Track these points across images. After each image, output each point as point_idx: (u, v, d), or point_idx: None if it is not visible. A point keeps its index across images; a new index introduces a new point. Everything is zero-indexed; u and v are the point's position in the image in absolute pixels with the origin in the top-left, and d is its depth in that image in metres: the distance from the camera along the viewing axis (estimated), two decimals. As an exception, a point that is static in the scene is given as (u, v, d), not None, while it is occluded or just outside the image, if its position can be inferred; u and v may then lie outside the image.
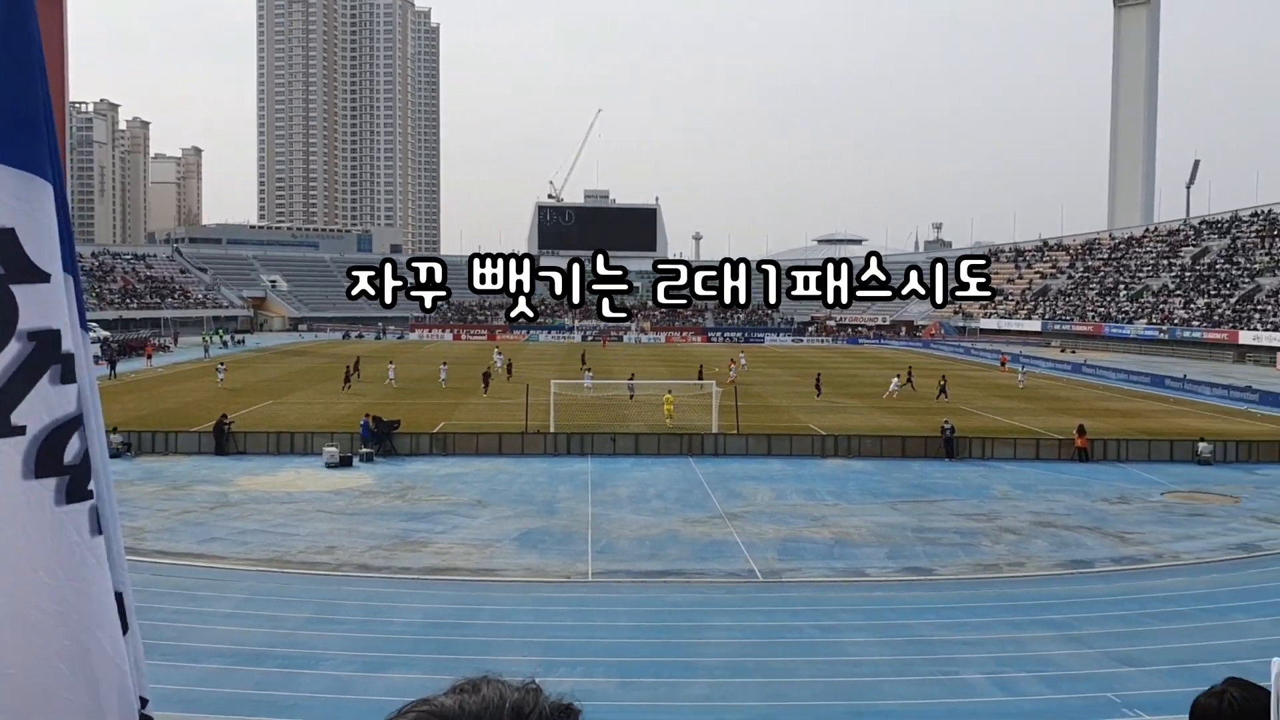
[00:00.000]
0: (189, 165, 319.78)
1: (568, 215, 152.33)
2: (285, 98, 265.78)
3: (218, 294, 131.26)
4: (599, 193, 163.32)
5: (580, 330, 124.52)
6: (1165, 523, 28.84)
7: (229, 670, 16.89)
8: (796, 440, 39.62)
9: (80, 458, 2.51)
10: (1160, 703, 15.90)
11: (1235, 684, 2.54)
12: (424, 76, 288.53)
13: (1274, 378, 71.25)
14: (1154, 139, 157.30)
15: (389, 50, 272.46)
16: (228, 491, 31.18)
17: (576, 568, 23.73)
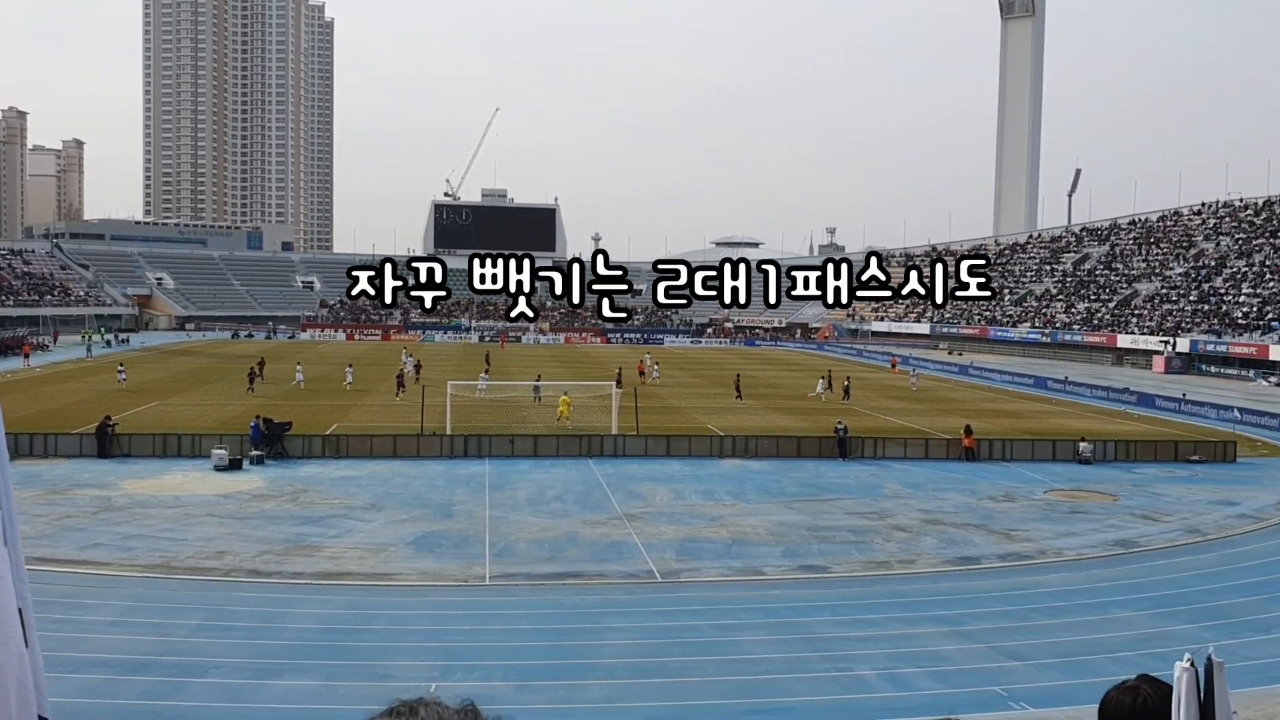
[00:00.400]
0: (70, 158, 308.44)
1: (465, 214, 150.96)
2: (173, 90, 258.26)
3: (101, 291, 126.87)
4: (497, 192, 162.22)
5: (478, 330, 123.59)
6: (1048, 520, 29.79)
7: (114, 680, 16.35)
8: (695, 441, 39.93)
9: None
10: (1045, 695, 16.42)
11: (1148, 681, 2.62)
12: (318, 71, 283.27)
13: (1150, 380, 74.22)
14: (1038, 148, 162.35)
15: (281, 43, 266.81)
16: (111, 496, 30.18)
17: (474, 571, 23.53)
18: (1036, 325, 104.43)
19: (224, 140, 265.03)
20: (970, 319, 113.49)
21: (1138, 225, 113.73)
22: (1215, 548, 27.12)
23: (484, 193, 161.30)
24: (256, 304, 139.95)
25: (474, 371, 62.79)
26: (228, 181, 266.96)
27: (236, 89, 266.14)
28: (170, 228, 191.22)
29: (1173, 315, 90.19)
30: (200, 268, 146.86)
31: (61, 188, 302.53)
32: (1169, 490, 34.57)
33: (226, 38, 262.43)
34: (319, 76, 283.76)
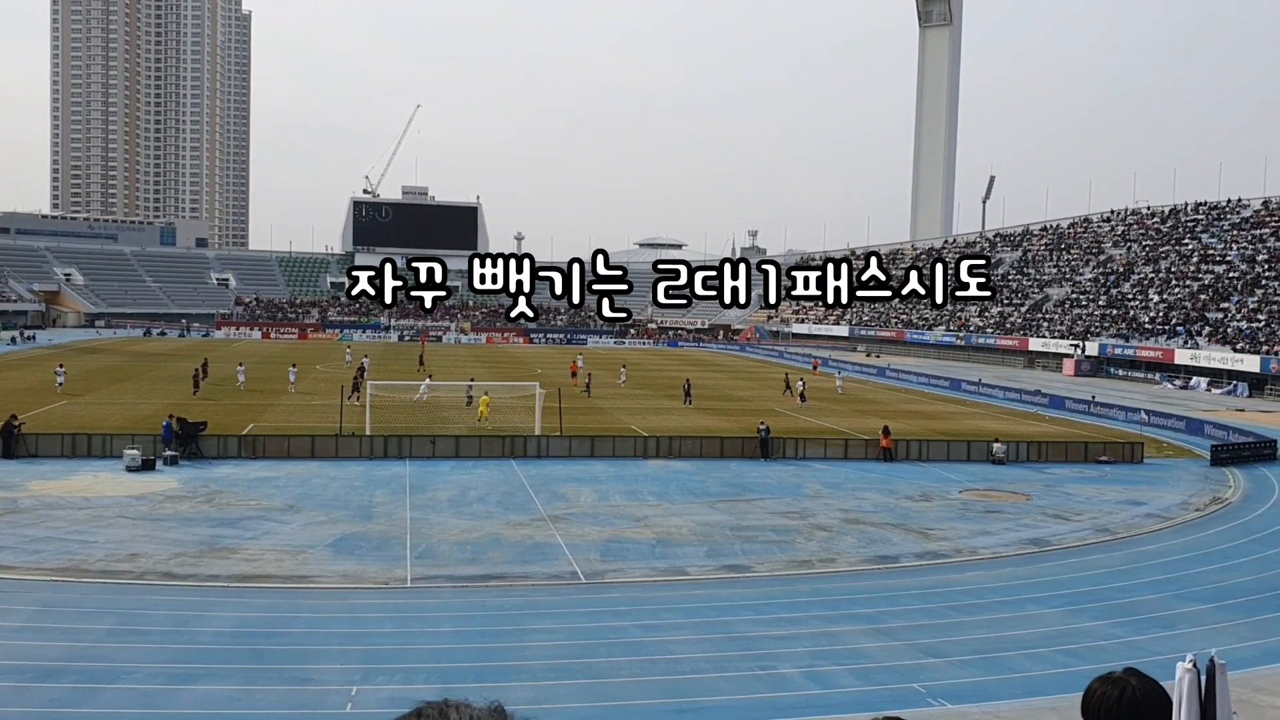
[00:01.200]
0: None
1: (385, 212, 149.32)
2: (83, 79, 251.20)
3: (4, 287, 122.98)
4: (418, 189, 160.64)
5: (397, 330, 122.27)
6: (964, 519, 30.37)
7: (21, 688, 15.85)
8: (619, 442, 39.95)
9: None
10: (963, 691, 16.74)
11: (1135, 674, 2.61)
12: (234, 64, 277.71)
13: (1061, 382, 76.11)
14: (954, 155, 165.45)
15: (197, 35, 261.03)
16: (17, 497, 29.25)
17: (395, 573, 23.26)
18: (951, 329, 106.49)
19: (136, 132, 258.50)
20: (888, 322, 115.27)
21: (1049, 231, 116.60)
22: (1124, 546, 27.89)
23: (404, 190, 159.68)
24: (170, 301, 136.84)
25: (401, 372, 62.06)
26: (140, 175, 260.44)
27: (149, 80, 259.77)
28: (79, 222, 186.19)
29: (1082, 320, 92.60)
30: (111, 263, 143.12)
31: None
32: (1079, 490, 35.46)
33: (140, 27, 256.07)
34: (235, 70, 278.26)
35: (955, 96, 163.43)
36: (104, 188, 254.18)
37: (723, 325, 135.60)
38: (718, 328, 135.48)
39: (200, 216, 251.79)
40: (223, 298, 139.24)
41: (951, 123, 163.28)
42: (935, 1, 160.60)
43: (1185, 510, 32.47)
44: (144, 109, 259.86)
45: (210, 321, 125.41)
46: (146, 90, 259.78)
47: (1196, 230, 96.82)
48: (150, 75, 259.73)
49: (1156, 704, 2.57)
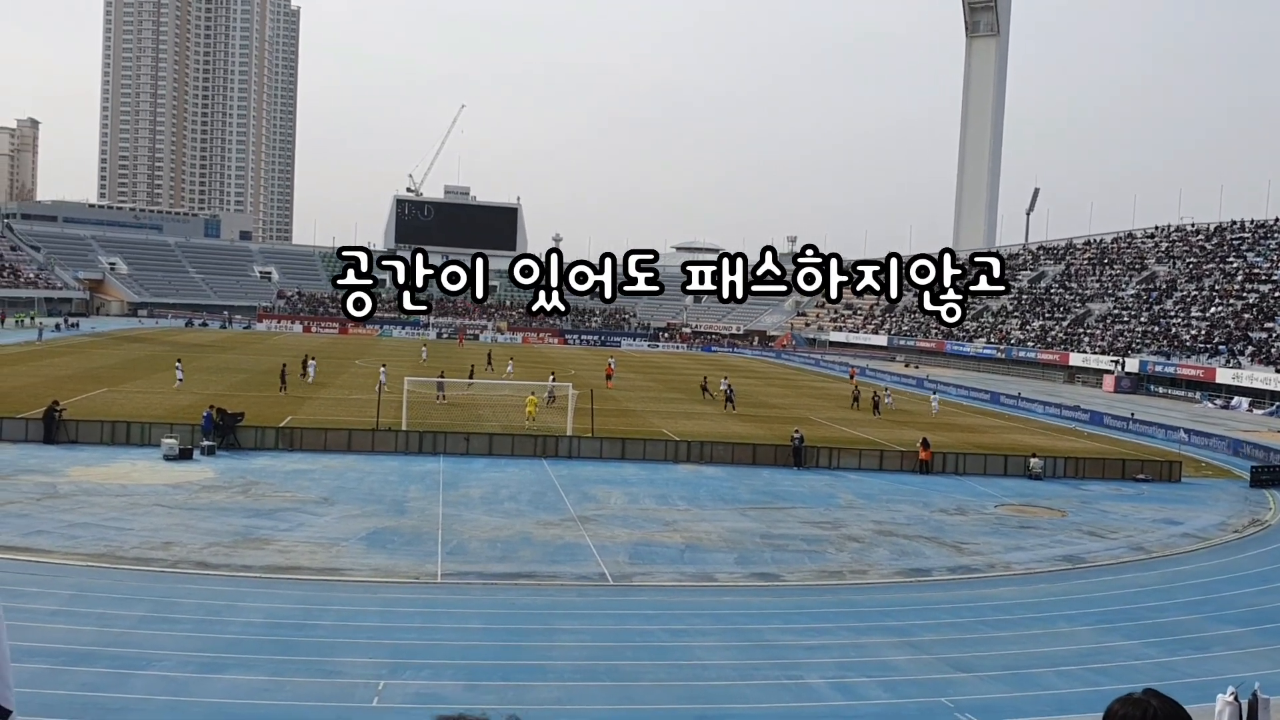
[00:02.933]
0: (24, 137, 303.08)
1: (427, 210, 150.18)
2: (133, 72, 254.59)
3: (51, 274, 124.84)
4: (460, 189, 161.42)
5: (436, 327, 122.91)
6: (998, 534, 30.11)
7: (55, 671, 16.05)
8: (650, 445, 39.95)
9: None
10: (991, 707, 16.59)
11: (1155, 695, 2.55)
12: (282, 59, 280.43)
13: (1100, 398, 75.28)
14: (999, 166, 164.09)
15: (245, 29, 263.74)
16: (57, 483, 29.67)
17: (426, 568, 23.38)
18: (992, 341, 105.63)
19: (183, 125, 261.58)
20: (928, 332, 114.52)
21: (1093, 246, 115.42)
22: (1159, 565, 27.55)
23: (447, 189, 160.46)
24: (212, 293, 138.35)
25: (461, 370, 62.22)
26: (186, 167, 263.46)
27: (198, 74, 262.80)
28: (125, 212, 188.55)
29: (1124, 335, 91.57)
30: (155, 254, 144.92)
31: (15, 167, 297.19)
32: (1115, 508, 35.06)
33: (190, 21, 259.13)
34: (283, 65, 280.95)
35: (1001, 107, 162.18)
36: (150, 179, 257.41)
37: (758, 331, 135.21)
38: (753, 333, 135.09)
39: (245, 209, 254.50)
40: (265, 291, 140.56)
41: (996, 133, 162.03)
42: (983, 11, 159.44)
43: (1223, 531, 32.01)
44: (192, 102, 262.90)
45: (252, 314, 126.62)
46: (195, 84, 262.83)
47: (1242, 248, 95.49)
48: (199, 69, 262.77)
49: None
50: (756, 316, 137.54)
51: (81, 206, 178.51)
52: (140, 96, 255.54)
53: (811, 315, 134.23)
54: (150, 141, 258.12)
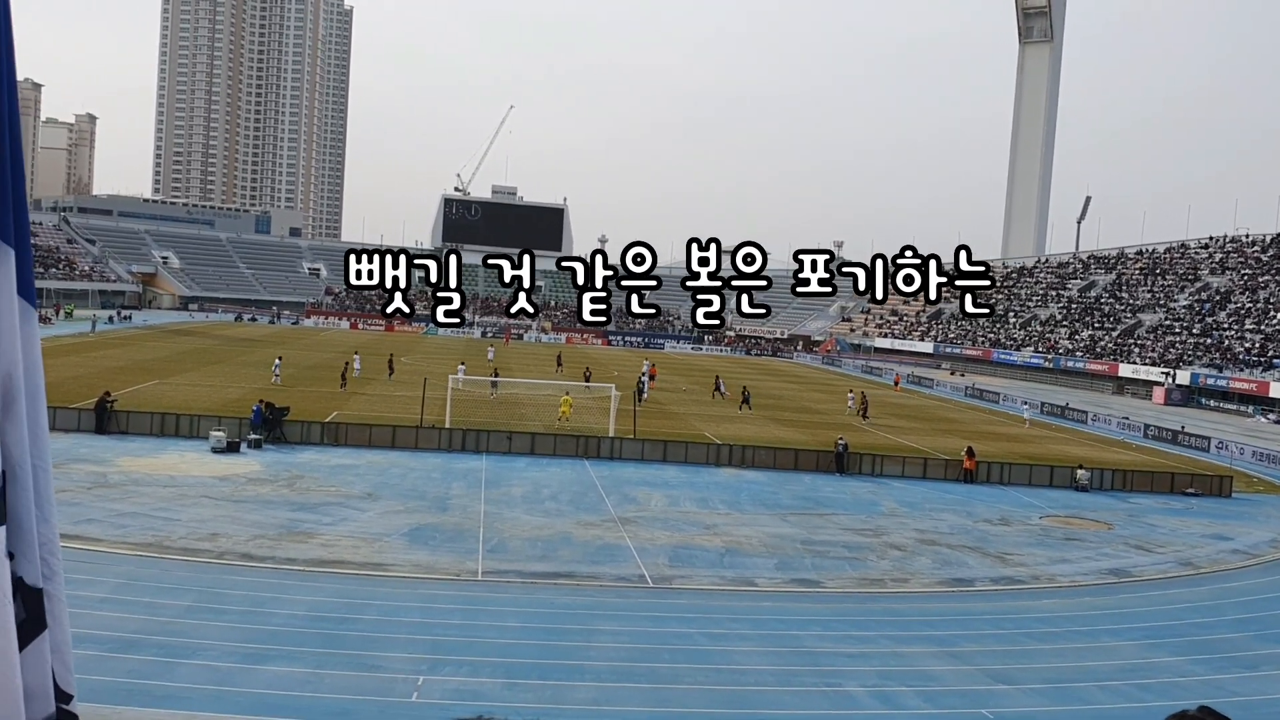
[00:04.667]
0: (82, 132, 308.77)
1: (474, 210, 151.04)
2: (188, 69, 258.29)
3: (105, 267, 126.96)
4: (506, 189, 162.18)
5: (480, 326, 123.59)
6: (1043, 545, 29.76)
7: (102, 657, 16.33)
8: (692, 448, 39.90)
9: None
10: (1031, 719, 16.41)
11: (1211, 714, 2.45)
12: (334, 59, 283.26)
13: (1150, 410, 74.19)
14: (1050, 173, 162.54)
15: (299, 28, 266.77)
16: (107, 472, 30.17)
17: (466, 566, 23.52)
18: (1040, 350, 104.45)
19: (236, 122, 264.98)
20: (975, 340, 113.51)
21: (1145, 255, 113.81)
22: (1207, 581, 27.10)
23: (494, 189, 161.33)
24: (261, 288, 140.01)
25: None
26: (238, 164, 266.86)
27: (252, 71, 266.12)
28: (178, 207, 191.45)
29: (1175, 347, 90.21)
30: (206, 248, 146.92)
31: (72, 161, 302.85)
32: (1163, 522, 34.55)
33: (245, 20, 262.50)
34: (335, 64, 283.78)
35: (1053, 114, 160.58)
36: (203, 175, 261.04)
37: (803, 336, 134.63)
38: (797, 338, 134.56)
39: (295, 206, 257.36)
40: (313, 287, 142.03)
41: (1048, 140, 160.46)
42: (1036, 17, 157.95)
43: (1274, 548, 31.42)
44: (245, 99, 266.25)
45: (300, 310, 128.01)
46: (249, 81, 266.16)
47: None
48: (253, 66, 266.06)
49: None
50: (801, 321, 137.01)
51: (136, 201, 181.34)
52: (195, 93, 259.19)
53: (857, 321, 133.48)
54: (204, 138, 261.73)
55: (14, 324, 2.49)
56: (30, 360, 2.58)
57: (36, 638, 2.66)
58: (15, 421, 2.49)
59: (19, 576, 2.54)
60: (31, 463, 2.59)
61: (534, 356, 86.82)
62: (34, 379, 2.61)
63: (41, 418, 2.60)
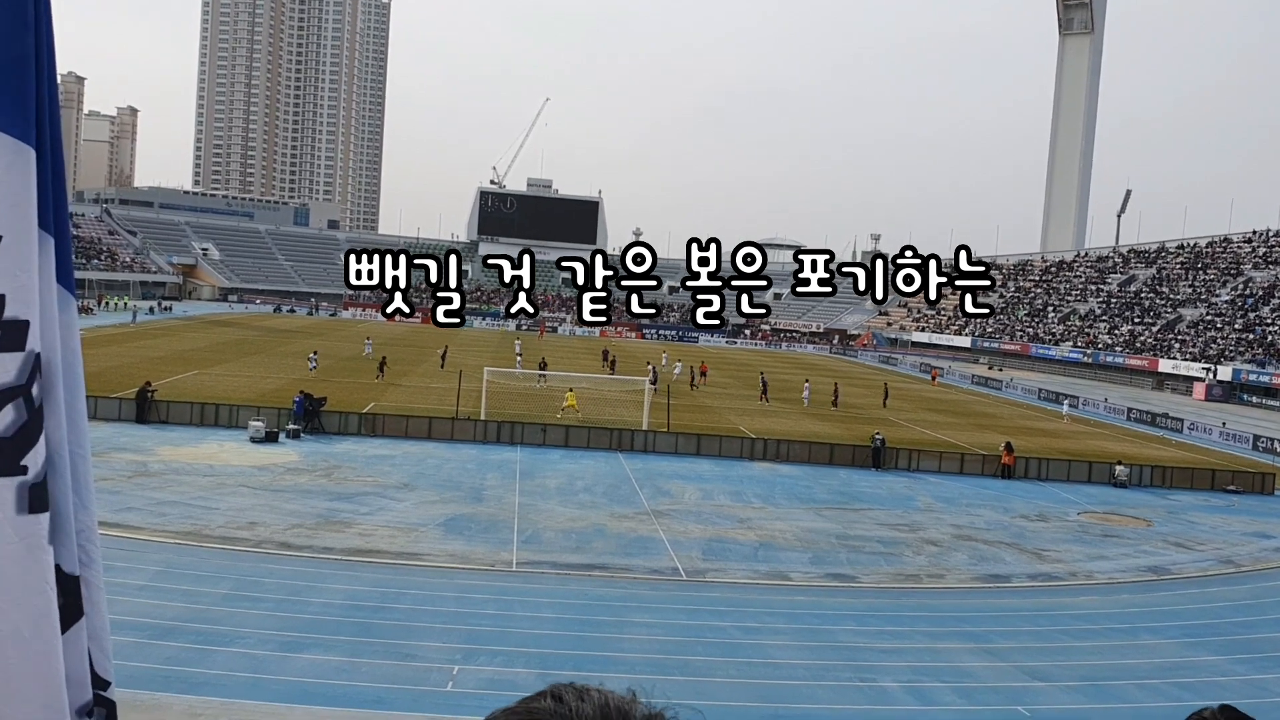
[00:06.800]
0: (124, 125, 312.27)
1: (510, 203, 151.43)
2: (228, 62, 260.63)
3: (146, 258, 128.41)
4: (542, 182, 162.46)
5: (516, 319, 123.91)
6: (1080, 542, 29.48)
7: (141, 644, 16.53)
8: (726, 442, 39.82)
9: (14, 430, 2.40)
10: (1068, 717, 16.27)
11: (1232, 713, 2.40)
12: (372, 53, 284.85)
13: (1190, 406, 73.22)
14: (1090, 166, 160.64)
15: (337, 22, 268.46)
16: (147, 461, 30.54)
17: (501, 556, 23.61)
18: (1079, 345, 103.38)
19: (275, 115, 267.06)
20: (1013, 334, 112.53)
21: (1186, 249, 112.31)
22: (1248, 580, 26.75)
23: (529, 182, 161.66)
24: (300, 279, 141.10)
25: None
26: (277, 156, 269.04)
27: (290, 65, 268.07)
28: (218, 199, 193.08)
29: (1216, 342, 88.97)
30: (246, 240, 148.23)
31: (114, 154, 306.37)
32: (1204, 519, 34.11)
33: (284, 13, 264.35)
34: (373, 57, 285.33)
35: (1093, 106, 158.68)
36: (243, 167, 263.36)
37: (838, 330, 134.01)
38: (833, 332, 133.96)
39: (333, 199, 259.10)
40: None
41: (1088, 133, 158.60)
42: (1077, 9, 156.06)
43: (1319, 548, 30.95)
44: (284, 92, 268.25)
45: (338, 301, 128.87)
46: (288, 74, 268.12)
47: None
48: (292, 60, 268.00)
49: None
50: (837, 315, 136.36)
51: (177, 193, 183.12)
52: (235, 87, 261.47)
53: (894, 315, 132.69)
54: (244, 131, 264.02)
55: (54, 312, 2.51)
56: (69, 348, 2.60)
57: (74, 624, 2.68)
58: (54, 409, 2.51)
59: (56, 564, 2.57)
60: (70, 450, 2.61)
61: (568, 349, 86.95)
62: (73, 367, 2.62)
63: (80, 405, 2.62)
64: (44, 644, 2.48)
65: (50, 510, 2.52)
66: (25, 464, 2.42)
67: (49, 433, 2.48)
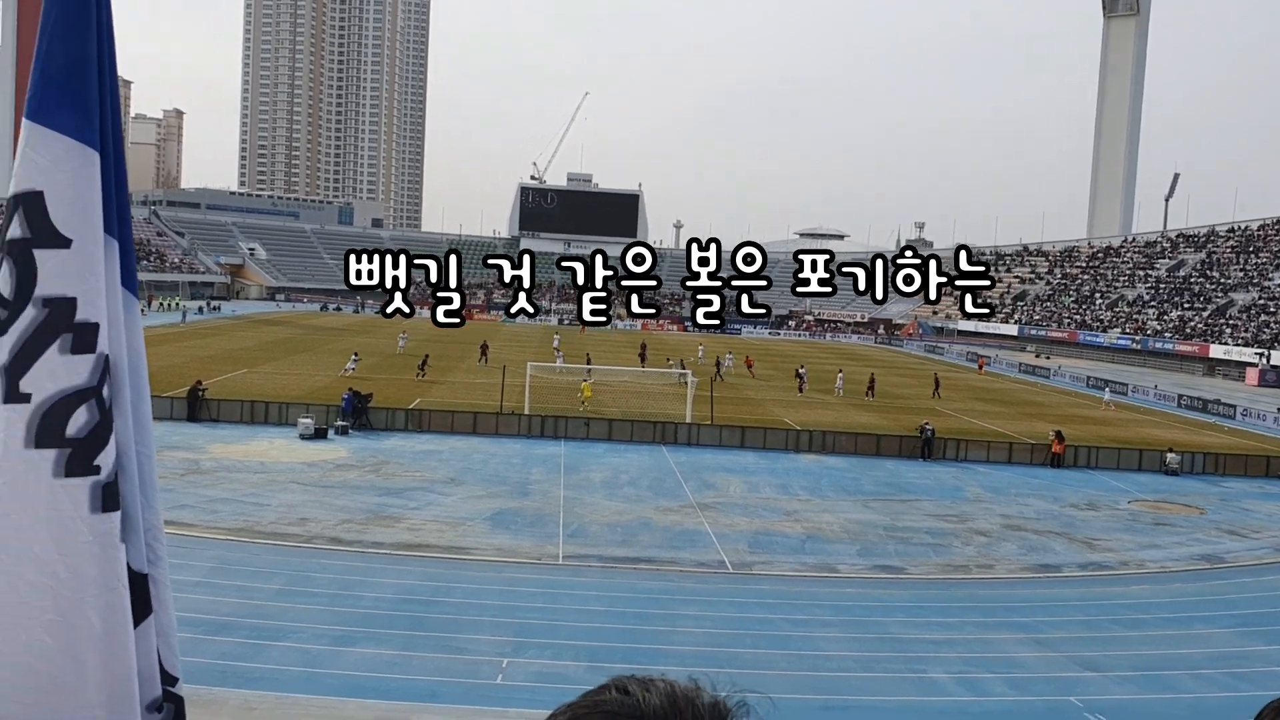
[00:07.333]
0: (170, 127, 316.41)
1: (550, 198, 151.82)
2: (271, 64, 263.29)
3: (195, 259, 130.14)
4: (582, 176, 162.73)
5: (558, 314, 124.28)
6: (1131, 530, 29.14)
7: (195, 640, 16.78)
8: (771, 434, 39.70)
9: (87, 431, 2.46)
10: (1122, 708, 16.10)
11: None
12: (412, 50, 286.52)
13: (1243, 393, 71.99)
14: (1136, 150, 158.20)
15: (378, 21, 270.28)
16: (199, 459, 30.99)
17: (547, 550, 23.74)
18: (1127, 331, 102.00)
19: (319, 115, 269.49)
20: (1060, 322, 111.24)
21: (1236, 233, 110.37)
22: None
23: (569, 177, 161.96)
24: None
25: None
26: (321, 156, 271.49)
27: (333, 66, 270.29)
28: (264, 199, 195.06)
29: (1270, 327, 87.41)
30: (292, 240, 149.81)
31: (161, 156, 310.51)
32: (1258, 506, 33.58)
33: (325, 14, 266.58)
34: (413, 56, 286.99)
35: (1139, 88, 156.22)
36: (288, 167, 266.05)
37: (883, 319, 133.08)
38: (878, 321, 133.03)
39: (376, 197, 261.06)
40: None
41: (1134, 117, 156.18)
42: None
43: (1378, 535, 30.36)
44: (327, 92, 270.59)
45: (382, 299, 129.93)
46: (330, 74, 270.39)
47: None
48: (333, 60, 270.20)
49: None
50: (882, 305, 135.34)
51: (223, 194, 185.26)
52: (278, 88, 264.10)
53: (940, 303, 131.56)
54: (287, 131, 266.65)
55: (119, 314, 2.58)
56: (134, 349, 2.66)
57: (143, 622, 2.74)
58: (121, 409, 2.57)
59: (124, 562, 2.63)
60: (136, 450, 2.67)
61: (610, 344, 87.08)
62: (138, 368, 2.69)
63: (145, 406, 2.69)
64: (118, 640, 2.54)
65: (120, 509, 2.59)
66: (98, 464, 2.49)
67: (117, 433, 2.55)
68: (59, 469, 2.43)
